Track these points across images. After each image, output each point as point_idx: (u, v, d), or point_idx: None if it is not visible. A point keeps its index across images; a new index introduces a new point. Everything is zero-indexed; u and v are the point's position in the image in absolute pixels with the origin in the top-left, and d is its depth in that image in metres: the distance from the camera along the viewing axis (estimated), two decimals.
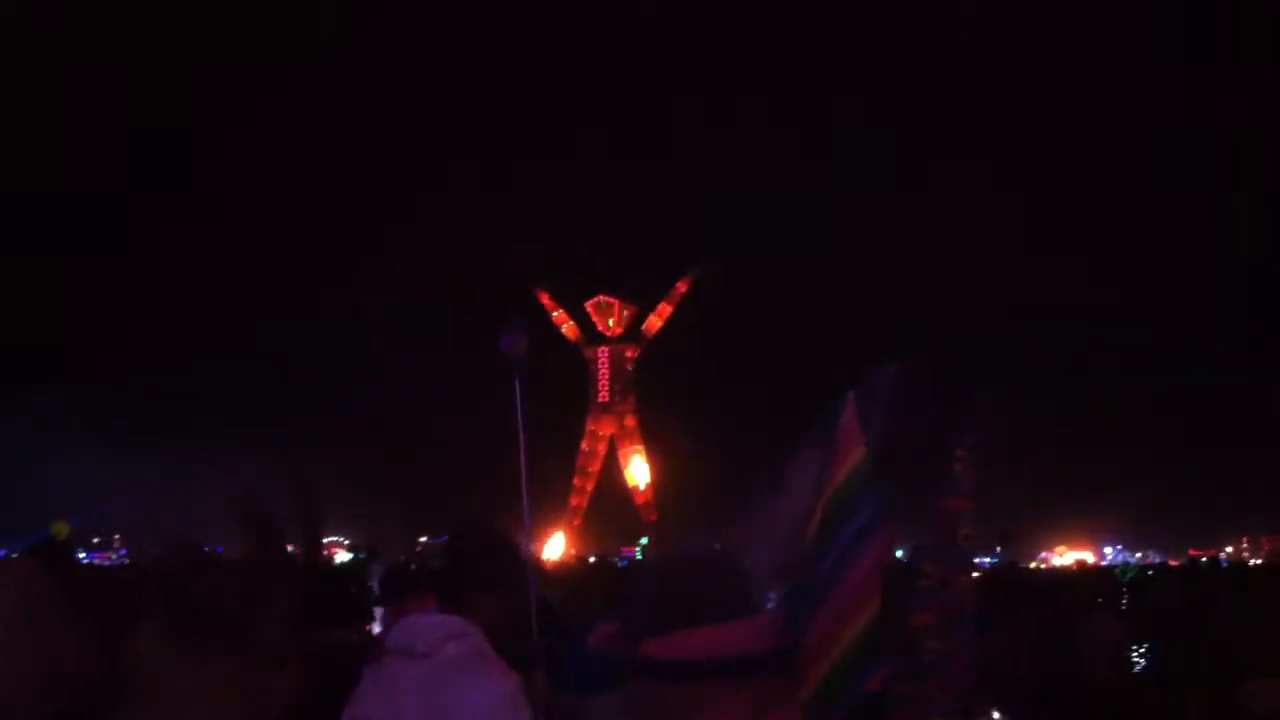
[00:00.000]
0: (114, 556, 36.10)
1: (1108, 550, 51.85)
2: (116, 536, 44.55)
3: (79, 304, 49.05)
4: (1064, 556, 46.87)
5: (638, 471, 53.53)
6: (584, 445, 53.81)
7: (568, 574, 14.17)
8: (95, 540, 45.99)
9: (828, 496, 3.34)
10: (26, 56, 46.07)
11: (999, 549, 21.48)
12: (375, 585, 12.76)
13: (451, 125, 55.25)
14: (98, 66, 48.04)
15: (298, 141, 51.27)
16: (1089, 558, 46.19)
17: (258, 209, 51.47)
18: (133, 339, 49.45)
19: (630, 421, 53.82)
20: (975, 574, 4.43)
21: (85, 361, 47.14)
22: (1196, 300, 50.57)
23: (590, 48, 52.29)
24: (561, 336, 53.75)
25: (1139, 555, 49.54)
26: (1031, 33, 50.87)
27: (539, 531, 47.74)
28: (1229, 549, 47.68)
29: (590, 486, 53.59)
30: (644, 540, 45.33)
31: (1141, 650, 8.08)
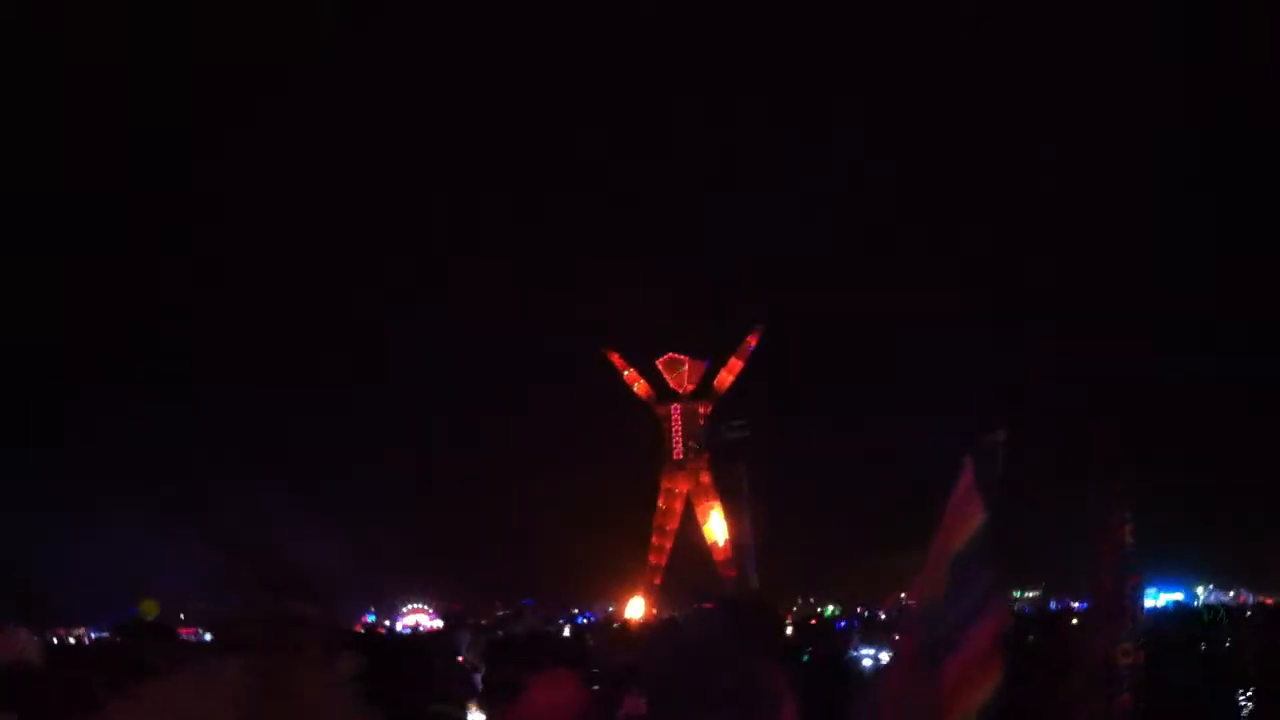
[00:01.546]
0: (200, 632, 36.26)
1: (1200, 590, 50.55)
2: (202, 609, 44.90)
3: (79, 304, 49.41)
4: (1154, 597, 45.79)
5: (716, 528, 53.20)
6: (660, 504, 53.61)
7: (648, 635, 14.03)
8: (182, 616, 46.41)
9: (948, 562, 3.33)
10: (26, 56, 46.42)
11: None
12: (464, 656, 12.78)
13: (461, 130, 55.16)
14: (98, 66, 48.34)
15: (297, 141, 51.39)
16: (1180, 598, 45.06)
17: (257, 209, 51.42)
18: (135, 342, 49.37)
19: (705, 478, 53.55)
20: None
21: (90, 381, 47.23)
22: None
23: (590, 48, 52.35)
24: (633, 395, 53.86)
25: (1232, 594, 48.24)
26: (1031, 33, 50.69)
27: (624, 594, 47.17)
28: None
29: (669, 545, 53.29)
30: None
31: (1248, 695, 7.90)
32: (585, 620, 31.42)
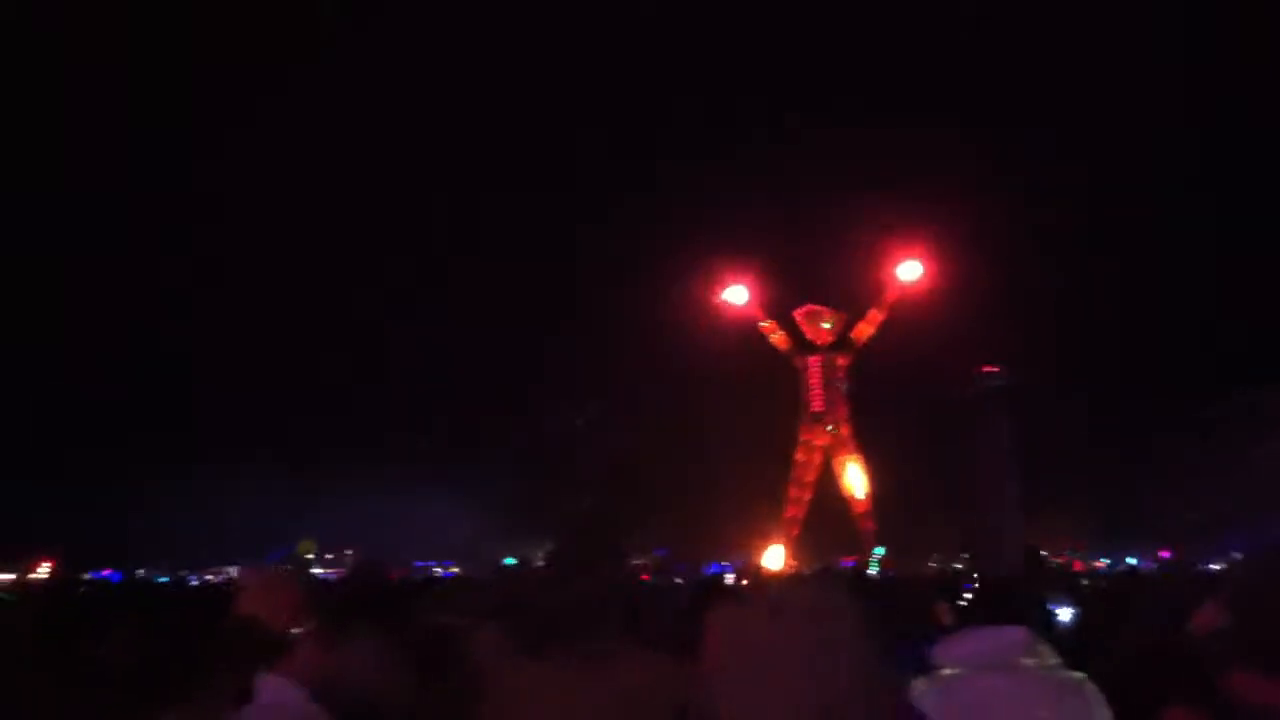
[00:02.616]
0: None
1: None
2: (349, 552, 45.95)
3: (79, 304, 49.62)
4: None
5: (854, 481, 52.77)
6: (798, 456, 53.28)
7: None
8: (329, 556, 47.64)
9: None
10: (26, 56, 46.81)
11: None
12: None
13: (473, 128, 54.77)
14: (98, 66, 48.50)
15: (297, 141, 51.39)
16: None
17: (257, 209, 51.55)
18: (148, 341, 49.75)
19: (844, 431, 53.10)
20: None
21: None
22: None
23: (591, 47, 51.62)
24: (771, 346, 53.54)
25: None
26: (1031, 33, 49.19)
27: (758, 546, 47.20)
28: None
29: (807, 497, 53.01)
30: (879, 550, 44.67)
31: None
32: (727, 570, 31.48)
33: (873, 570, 29.56)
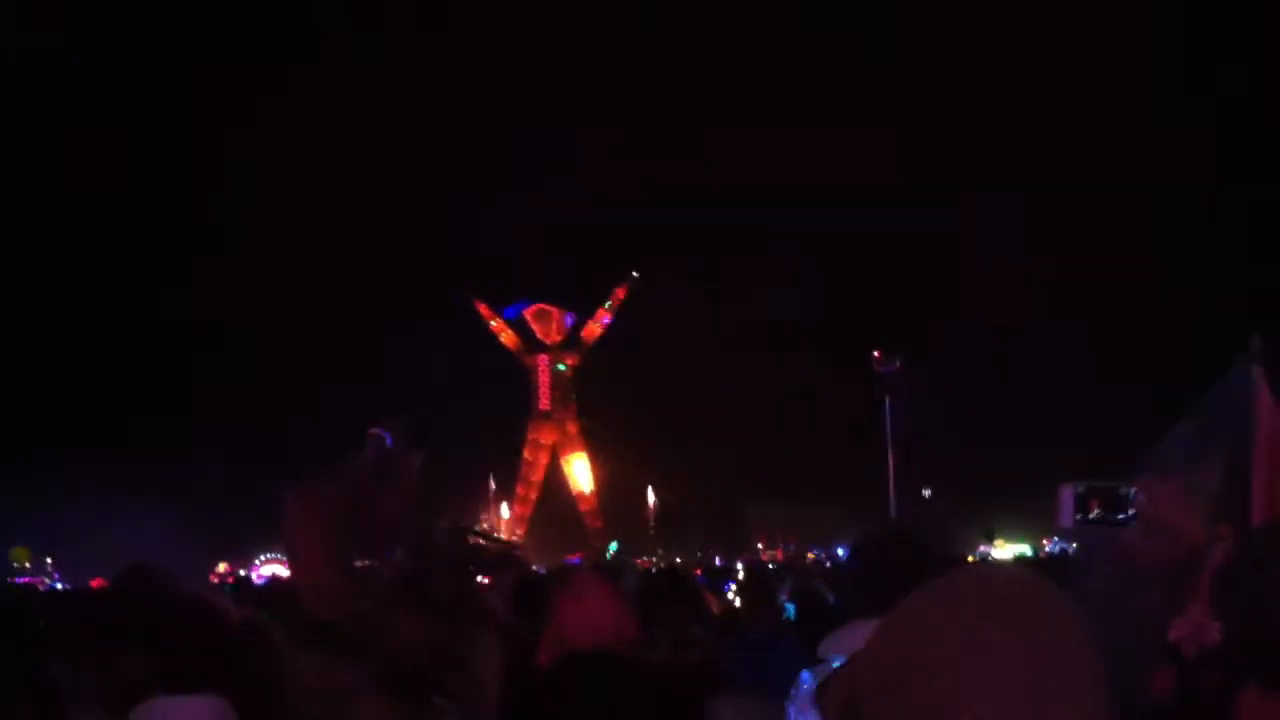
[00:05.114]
0: (48, 581, 34.96)
1: None
2: (48, 560, 43.25)
3: (77, 306, 48.50)
4: None
5: (581, 478, 53.43)
6: (526, 454, 53.58)
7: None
8: (26, 565, 44.73)
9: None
10: (26, 57, 45.99)
11: None
12: None
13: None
14: (98, 66, 48.04)
15: (297, 142, 50.53)
16: None
17: (257, 208, 50.41)
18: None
19: (572, 429, 53.69)
20: None
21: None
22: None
23: (590, 47, 51.96)
24: (500, 346, 53.58)
25: None
26: (1031, 33, 51.29)
27: None
28: None
29: (534, 495, 53.35)
30: (614, 545, 45.31)
31: None
32: None
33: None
